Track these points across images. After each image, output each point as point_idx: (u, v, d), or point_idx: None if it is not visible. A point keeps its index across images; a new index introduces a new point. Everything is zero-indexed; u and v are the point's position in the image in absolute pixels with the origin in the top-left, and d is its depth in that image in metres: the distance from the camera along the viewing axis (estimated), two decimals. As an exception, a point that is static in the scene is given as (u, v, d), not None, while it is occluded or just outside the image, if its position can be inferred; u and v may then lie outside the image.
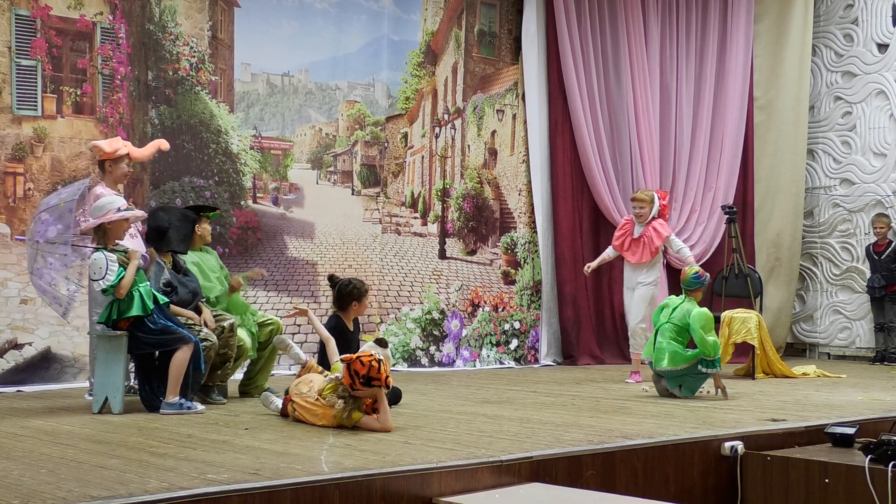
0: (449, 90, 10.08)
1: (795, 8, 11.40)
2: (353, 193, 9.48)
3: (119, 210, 5.87)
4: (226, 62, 8.67)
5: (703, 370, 6.82)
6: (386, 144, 9.68)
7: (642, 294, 8.31)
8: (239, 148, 8.53)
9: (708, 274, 7.34)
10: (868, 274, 10.91)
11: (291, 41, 9.07)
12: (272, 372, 7.09)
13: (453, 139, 10.08)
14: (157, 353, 5.97)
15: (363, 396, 5.25)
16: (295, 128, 9.20)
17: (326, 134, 9.38)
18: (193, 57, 8.39)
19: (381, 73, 9.68)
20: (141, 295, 5.83)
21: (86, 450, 4.64)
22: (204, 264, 6.69)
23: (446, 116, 10.05)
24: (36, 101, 7.62)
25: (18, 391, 7.11)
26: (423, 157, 9.83)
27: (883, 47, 11.17)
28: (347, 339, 6.30)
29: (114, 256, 5.80)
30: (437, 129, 9.99)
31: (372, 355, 5.20)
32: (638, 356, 8.26)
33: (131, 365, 6.19)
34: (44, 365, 7.47)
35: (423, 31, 9.88)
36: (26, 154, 7.55)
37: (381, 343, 5.45)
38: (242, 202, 8.62)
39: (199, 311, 6.32)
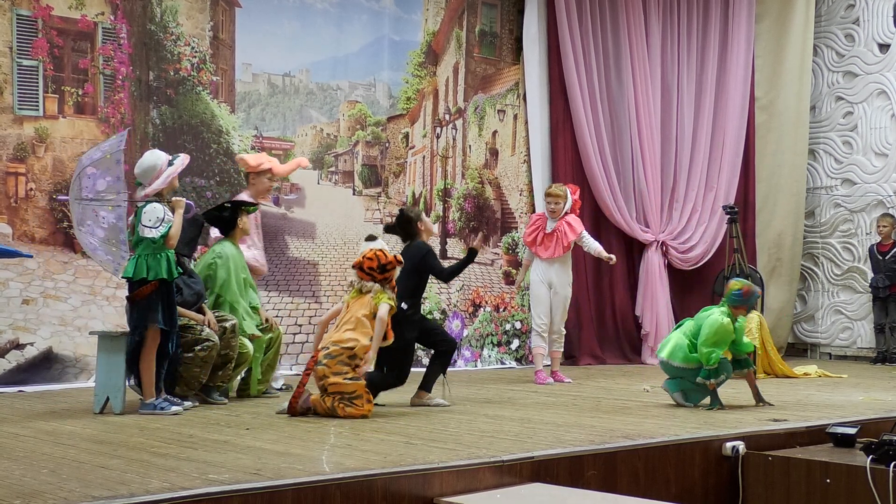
0: (450, 90, 10.08)
1: (796, 8, 11.39)
2: (354, 194, 9.48)
3: (171, 164, 5.88)
4: (227, 62, 8.67)
5: (701, 380, 6.38)
6: (387, 144, 9.68)
7: (567, 296, 8.29)
8: (240, 148, 8.53)
9: (758, 291, 6.62)
10: (869, 274, 10.90)
11: (292, 41, 9.08)
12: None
13: (454, 139, 10.08)
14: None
15: (391, 281, 5.80)
16: (296, 128, 9.20)
17: (327, 134, 9.38)
18: (195, 57, 8.39)
19: (382, 74, 9.68)
20: (169, 259, 5.84)
21: (87, 450, 4.64)
22: (237, 260, 6.68)
23: (447, 116, 10.05)
24: (37, 102, 7.62)
25: (20, 391, 7.10)
26: (424, 158, 9.83)
27: (884, 47, 11.17)
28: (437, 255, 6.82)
29: (167, 208, 5.83)
30: (438, 130, 9.99)
31: (371, 250, 5.84)
32: (541, 352, 8.31)
33: None
34: (45, 365, 7.47)
35: (424, 31, 9.88)
36: (28, 154, 7.55)
37: (371, 238, 6.05)
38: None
39: (202, 313, 6.33)
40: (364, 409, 5.69)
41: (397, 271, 5.89)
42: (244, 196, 7.00)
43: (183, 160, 6.06)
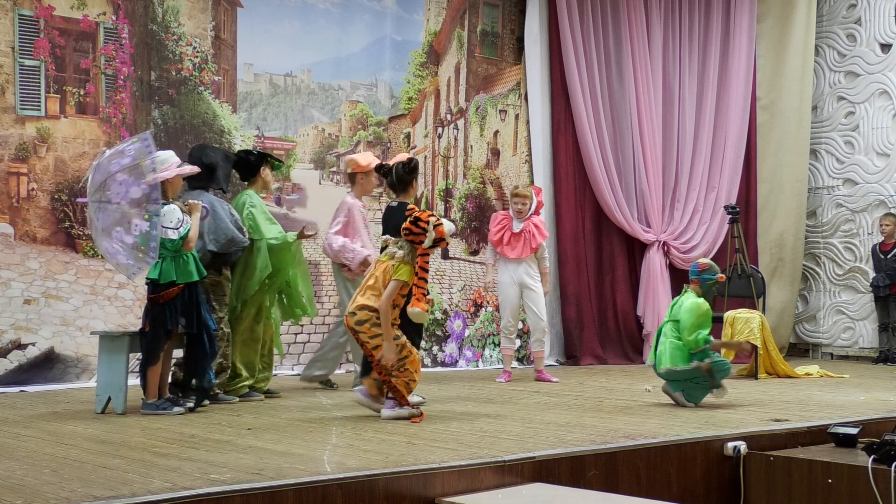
0: (451, 90, 10.08)
1: (798, 8, 11.38)
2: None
3: (179, 166, 5.92)
4: (228, 62, 8.67)
5: (696, 364, 6.42)
6: (388, 144, 9.68)
7: (541, 291, 8.29)
8: (241, 148, 8.52)
9: (715, 274, 6.72)
10: (871, 274, 10.90)
11: (294, 41, 9.08)
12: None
13: (456, 139, 10.08)
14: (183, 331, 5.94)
15: (415, 247, 5.59)
16: (297, 128, 9.20)
17: (329, 134, 9.38)
18: (196, 57, 8.39)
19: (383, 74, 9.68)
20: (195, 259, 5.86)
21: (89, 450, 4.65)
22: (263, 206, 6.79)
23: (449, 116, 10.05)
24: (39, 102, 7.62)
25: (22, 391, 7.11)
26: (425, 158, 9.83)
27: (886, 47, 11.16)
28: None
29: (183, 207, 5.87)
30: (439, 130, 9.99)
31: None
32: (508, 353, 8.36)
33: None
34: (47, 365, 7.47)
35: (425, 32, 9.88)
36: (29, 154, 7.55)
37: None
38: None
39: (225, 262, 6.48)
40: (414, 366, 5.69)
41: (426, 242, 5.55)
42: (349, 198, 7.28)
43: (192, 169, 6.14)
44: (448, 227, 5.69)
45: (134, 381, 6.22)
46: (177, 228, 5.79)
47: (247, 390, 6.68)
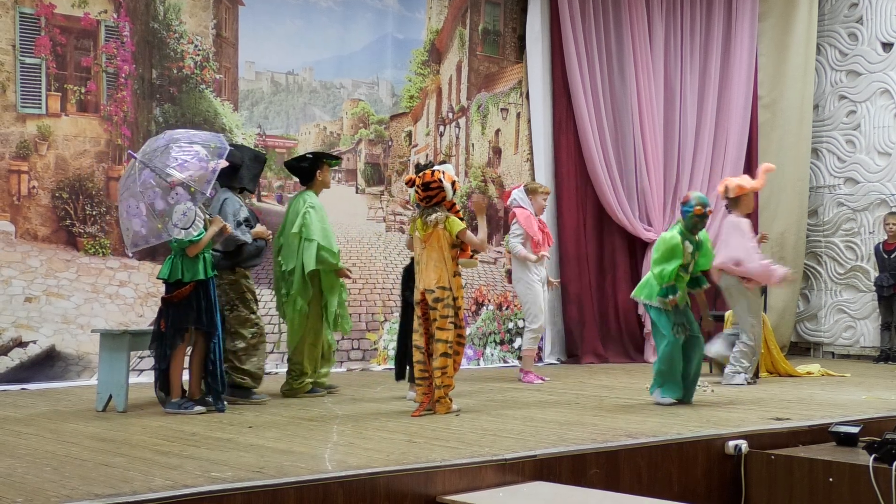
0: (453, 88, 10.07)
1: (800, 6, 11.37)
2: (357, 192, 9.48)
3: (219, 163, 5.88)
4: (230, 60, 8.67)
5: (660, 300, 6.29)
6: (390, 143, 9.68)
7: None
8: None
9: (693, 206, 6.50)
10: (872, 273, 10.89)
11: (296, 39, 9.08)
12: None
13: (457, 138, 10.08)
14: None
15: (438, 202, 5.85)
16: (299, 126, 9.20)
17: (331, 132, 9.38)
18: (198, 55, 8.39)
19: (385, 72, 9.68)
20: (205, 259, 5.86)
21: (90, 448, 4.65)
22: (323, 210, 6.91)
23: (450, 115, 10.05)
24: (40, 100, 7.62)
25: (23, 389, 7.12)
26: (427, 156, 9.83)
27: (888, 46, 11.15)
28: None
29: (202, 215, 5.86)
30: (441, 128, 9.98)
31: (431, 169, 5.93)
32: (532, 353, 8.24)
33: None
34: (48, 363, 7.48)
35: (427, 30, 9.88)
36: (30, 152, 7.55)
37: (442, 162, 6.68)
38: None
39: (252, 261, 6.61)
40: (457, 365, 5.95)
41: (449, 194, 5.87)
42: (733, 216, 7.81)
43: (222, 164, 6.06)
44: (448, 168, 6.00)
45: (135, 378, 6.22)
46: (185, 229, 5.72)
47: (310, 387, 6.86)
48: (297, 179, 7.20)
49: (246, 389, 6.39)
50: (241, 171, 6.52)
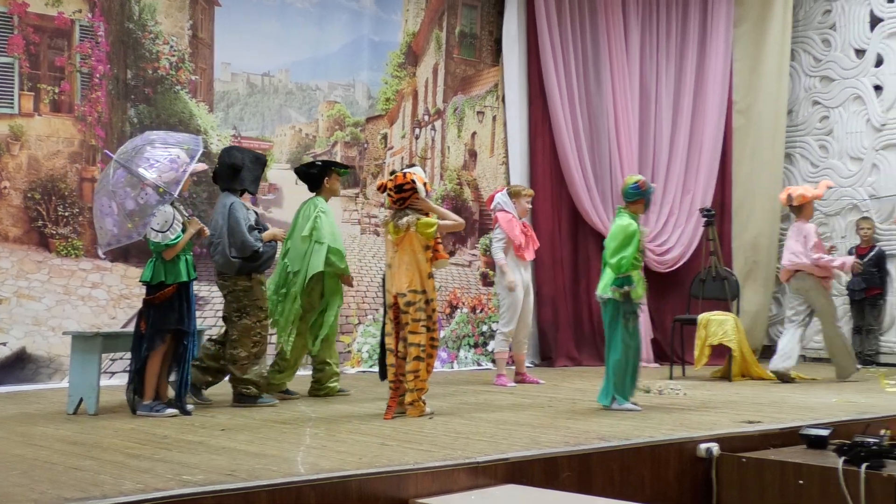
0: (429, 91, 10.08)
1: (774, 12, 11.47)
2: (332, 194, 9.45)
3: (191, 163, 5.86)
4: (206, 61, 8.64)
5: (615, 289, 6.15)
6: (366, 145, 9.67)
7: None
8: (218, 148, 8.49)
9: (654, 186, 6.50)
10: (844, 277, 10.97)
11: (272, 41, 9.05)
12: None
13: (433, 140, 10.08)
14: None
15: (417, 208, 5.89)
16: (275, 128, 9.17)
17: (306, 134, 9.36)
18: (173, 56, 8.35)
19: (361, 74, 9.67)
20: (187, 261, 5.85)
21: (60, 451, 4.61)
22: (332, 216, 7.04)
23: (426, 118, 10.05)
24: (13, 99, 7.56)
25: (-7, 391, 7.05)
26: (402, 159, 9.83)
27: (860, 52, 11.26)
28: None
29: (180, 217, 5.83)
30: (417, 131, 9.99)
31: (401, 172, 5.98)
32: (504, 356, 8.20)
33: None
34: (18, 365, 7.41)
35: (403, 32, 9.88)
36: (2, 152, 7.49)
37: (410, 165, 6.44)
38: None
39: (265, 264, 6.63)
40: (429, 368, 5.96)
41: (422, 194, 5.91)
42: (798, 222, 8.56)
43: (202, 167, 6.18)
44: (417, 170, 6.02)
45: (107, 381, 6.18)
46: (161, 232, 5.71)
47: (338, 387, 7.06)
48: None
49: (252, 397, 6.39)
50: (242, 174, 6.51)
